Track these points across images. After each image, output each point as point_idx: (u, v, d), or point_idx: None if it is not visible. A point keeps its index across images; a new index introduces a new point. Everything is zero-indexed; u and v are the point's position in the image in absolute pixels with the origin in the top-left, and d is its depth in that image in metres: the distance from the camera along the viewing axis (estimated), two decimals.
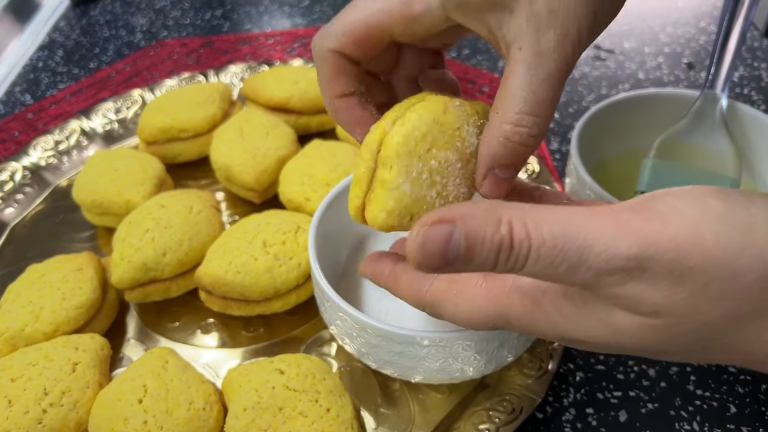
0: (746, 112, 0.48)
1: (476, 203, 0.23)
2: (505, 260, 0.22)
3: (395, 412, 0.41)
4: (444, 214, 0.22)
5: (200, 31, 0.86)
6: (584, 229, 0.22)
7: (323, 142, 0.55)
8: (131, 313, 0.49)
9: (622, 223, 0.22)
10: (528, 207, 0.23)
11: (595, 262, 0.21)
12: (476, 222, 0.22)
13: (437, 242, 0.22)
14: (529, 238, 0.22)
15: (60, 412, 0.38)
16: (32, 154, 0.62)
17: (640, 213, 0.22)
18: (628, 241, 0.21)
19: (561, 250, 0.22)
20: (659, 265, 0.21)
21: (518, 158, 0.28)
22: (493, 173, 0.28)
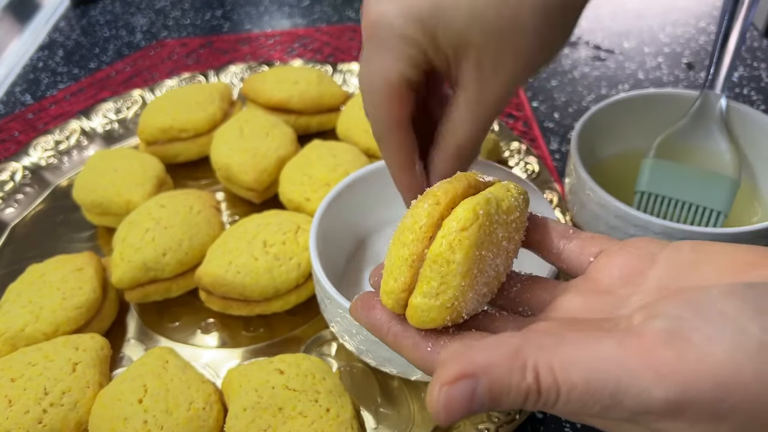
0: (746, 112, 0.48)
1: (496, 345, 0.22)
2: (534, 404, 0.21)
3: (395, 412, 0.41)
4: (464, 368, 0.21)
5: (200, 31, 0.86)
6: (616, 371, 0.20)
7: (323, 142, 0.55)
8: (131, 313, 0.49)
9: (657, 363, 0.20)
10: (553, 345, 0.21)
11: (631, 405, 0.20)
12: (500, 372, 0.21)
13: (461, 402, 0.21)
14: (557, 385, 0.21)
15: (60, 412, 0.38)
16: (32, 154, 0.62)
17: (674, 346, 0.21)
18: (666, 384, 0.20)
19: (593, 395, 0.21)
20: (699, 407, 0.20)
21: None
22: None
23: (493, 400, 0.21)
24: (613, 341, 0.21)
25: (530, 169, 0.56)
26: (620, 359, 0.21)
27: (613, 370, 0.20)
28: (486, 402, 0.21)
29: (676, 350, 0.20)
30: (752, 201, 0.49)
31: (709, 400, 0.20)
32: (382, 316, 0.28)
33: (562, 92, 0.71)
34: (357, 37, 0.82)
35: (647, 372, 0.20)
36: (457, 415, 0.21)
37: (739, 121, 0.49)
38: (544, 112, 0.68)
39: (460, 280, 0.25)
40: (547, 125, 0.66)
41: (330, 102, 0.62)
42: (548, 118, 0.67)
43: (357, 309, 0.29)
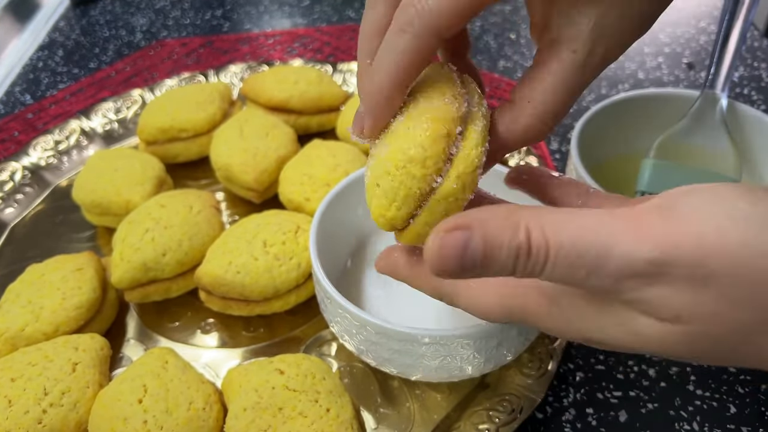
0: (746, 112, 0.48)
1: (493, 208, 0.22)
2: (524, 265, 0.22)
3: (395, 412, 0.41)
4: (461, 221, 0.22)
5: (200, 31, 0.86)
6: (603, 232, 0.21)
7: (323, 142, 0.55)
8: (131, 313, 0.49)
9: (642, 225, 0.21)
10: (546, 211, 0.22)
11: (615, 266, 0.21)
12: (494, 227, 0.22)
13: (454, 249, 0.22)
14: (547, 244, 0.21)
15: (60, 412, 0.38)
16: (32, 154, 0.62)
17: (661, 214, 0.21)
18: (648, 245, 0.20)
19: (579, 255, 0.21)
20: (681, 268, 0.20)
21: (524, 145, 0.29)
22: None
23: (485, 256, 0.22)
24: (604, 211, 0.22)
25: None
26: (608, 223, 0.21)
27: (601, 232, 0.21)
28: (479, 256, 0.22)
29: (662, 216, 0.21)
30: None
31: (691, 262, 0.20)
32: (399, 256, 0.31)
33: None
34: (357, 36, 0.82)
35: (632, 233, 0.21)
36: (450, 263, 0.22)
37: (740, 121, 0.49)
38: None
39: (462, 209, 0.27)
40: None
41: (330, 102, 0.62)
42: None
43: (379, 260, 0.32)
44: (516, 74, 0.74)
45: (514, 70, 0.75)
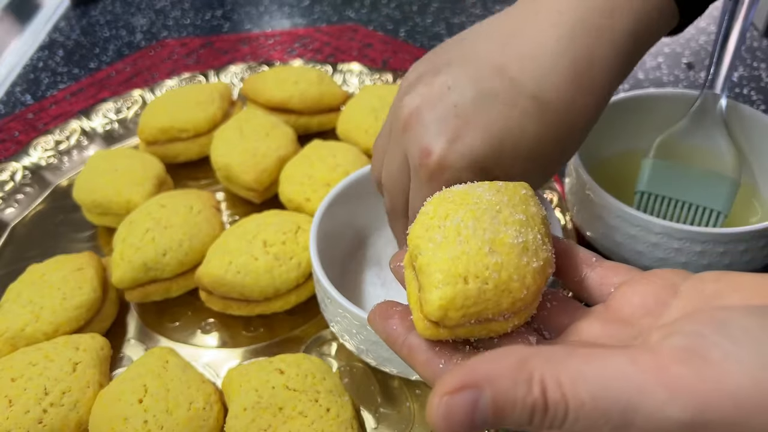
0: (746, 112, 0.48)
1: (502, 356, 0.20)
2: (540, 422, 0.20)
3: (395, 412, 0.41)
4: (467, 378, 0.20)
5: (200, 32, 0.86)
6: (628, 387, 0.19)
7: (323, 143, 0.55)
8: (131, 313, 0.49)
9: (671, 380, 0.19)
10: (561, 359, 0.20)
11: (643, 425, 0.19)
12: (504, 384, 0.20)
13: (463, 413, 0.20)
14: (565, 400, 0.19)
15: (60, 411, 0.38)
16: (32, 154, 0.62)
17: (692, 364, 0.19)
18: (681, 404, 0.19)
19: (603, 413, 0.19)
20: (717, 428, 0.18)
21: None
22: None
23: (497, 414, 0.20)
24: (626, 356, 0.20)
25: None
26: (632, 375, 0.19)
27: (625, 387, 0.19)
28: (489, 416, 0.20)
29: (693, 367, 0.19)
30: (752, 201, 0.49)
31: (728, 421, 0.18)
32: (399, 328, 0.28)
33: None
34: (357, 36, 0.82)
35: (661, 389, 0.19)
36: (458, 428, 0.20)
37: (739, 121, 0.49)
38: None
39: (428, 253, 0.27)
40: None
41: (330, 102, 0.62)
42: None
43: (375, 318, 0.29)
44: None
45: None
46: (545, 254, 0.27)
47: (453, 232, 0.26)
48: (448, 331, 0.26)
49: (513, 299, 0.25)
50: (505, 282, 0.25)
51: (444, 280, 0.25)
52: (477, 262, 0.25)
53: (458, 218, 0.27)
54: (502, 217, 0.27)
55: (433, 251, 0.26)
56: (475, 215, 0.27)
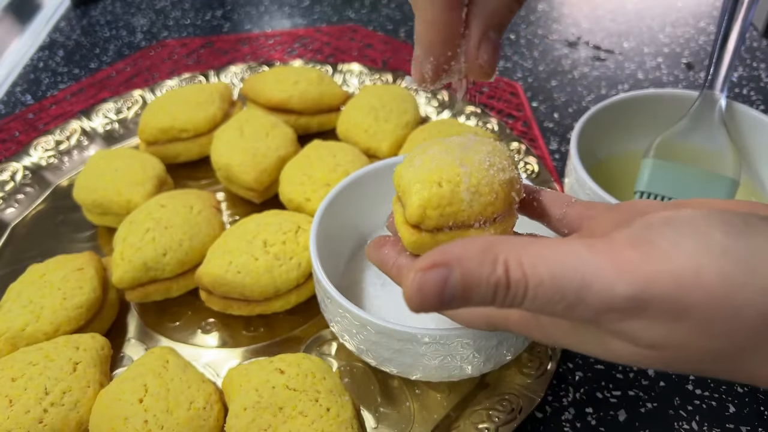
0: (745, 112, 0.48)
1: (470, 242, 0.23)
2: (503, 299, 0.22)
3: (395, 412, 0.41)
4: (439, 258, 0.22)
5: (200, 32, 0.86)
6: (582, 267, 0.21)
7: (323, 143, 0.55)
8: (132, 313, 0.49)
9: (621, 261, 0.21)
10: (523, 243, 0.22)
11: (594, 301, 0.21)
12: (472, 264, 0.22)
13: (434, 287, 0.22)
14: (525, 278, 0.22)
15: (61, 411, 0.38)
16: (33, 154, 0.62)
17: (640, 249, 0.21)
18: (627, 282, 0.21)
19: (558, 290, 0.21)
20: (658, 304, 0.21)
21: (509, 18, 0.28)
22: (488, 37, 0.28)
23: (464, 291, 0.22)
24: (582, 244, 0.22)
25: (530, 169, 0.56)
26: (587, 257, 0.21)
27: (579, 267, 0.21)
28: (458, 292, 0.22)
29: (641, 251, 0.21)
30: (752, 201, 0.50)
31: (669, 298, 0.21)
32: (390, 252, 0.32)
33: (561, 92, 0.71)
34: (357, 37, 0.82)
35: (611, 270, 0.21)
36: (430, 300, 0.22)
37: (739, 121, 0.49)
38: (543, 112, 0.68)
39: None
40: (546, 125, 0.66)
41: (330, 102, 0.63)
42: (548, 118, 0.67)
43: (370, 249, 0.33)
44: (516, 74, 0.74)
45: (514, 70, 0.75)
46: (511, 173, 0.31)
47: (428, 157, 0.30)
48: (429, 235, 0.30)
49: (484, 202, 0.29)
50: (475, 185, 0.29)
51: (421, 187, 0.29)
52: (449, 171, 0.29)
53: (434, 150, 0.31)
54: (471, 147, 0.31)
55: (412, 172, 0.30)
56: (447, 147, 0.31)
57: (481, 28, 0.28)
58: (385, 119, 0.58)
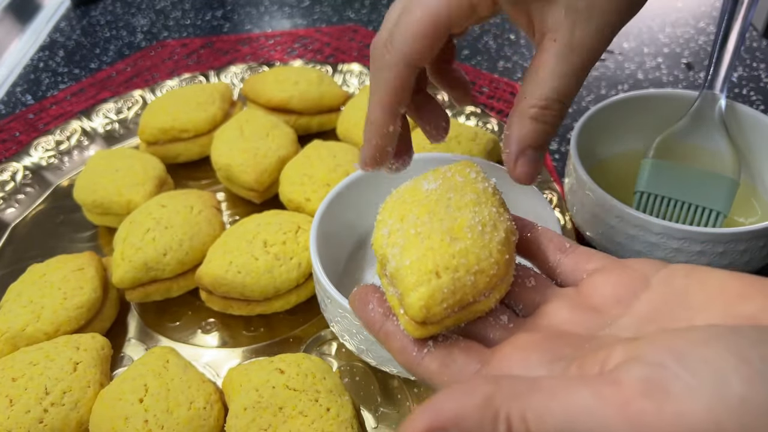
0: (745, 112, 0.48)
1: (466, 393, 0.21)
2: None
3: (395, 411, 0.41)
4: (434, 420, 0.20)
5: (201, 32, 0.86)
6: (593, 422, 0.20)
7: (323, 143, 0.55)
8: (132, 313, 0.49)
9: (634, 416, 0.19)
10: (526, 392, 0.21)
11: None
12: (470, 424, 0.20)
13: None
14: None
15: (61, 411, 0.38)
16: (33, 154, 0.62)
17: (652, 398, 0.20)
18: None
19: None
20: None
21: (545, 139, 0.30)
22: (525, 155, 0.30)
23: None
24: (589, 390, 0.20)
25: None
26: (596, 410, 0.20)
27: (589, 422, 0.20)
28: None
29: (654, 402, 0.19)
30: (751, 201, 0.50)
31: None
32: (376, 314, 0.28)
33: None
34: (357, 37, 0.82)
35: (624, 425, 0.19)
36: None
37: (739, 121, 0.49)
38: None
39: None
40: None
41: (330, 102, 0.63)
42: None
43: (354, 303, 0.30)
44: (516, 75, 0.74)
45: (514, 70, 0.75)
46: (504, 224, 0.28)
47: (413, 232, 0.27)
48: (436, 326, 0.26)
49: (487, 277, 0.26)
50: (474, 263, 0.26)
51: (418, 281, 0.25)
52: (443, 254, 0.26)
53: (413, 216, 0.28)
54: (454, 203, 0.28)
55: (400, 256, 0.27)
56: (429, 208, 0.28)
57: (519, 146, 0.30)
58: None
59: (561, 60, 0.29)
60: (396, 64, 0.31)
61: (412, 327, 0.26)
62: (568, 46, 0.29)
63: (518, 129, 0.30)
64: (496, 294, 0.27)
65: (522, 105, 0.30)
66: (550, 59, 0.29)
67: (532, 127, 0.30)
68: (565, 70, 0.29)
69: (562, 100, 0.30)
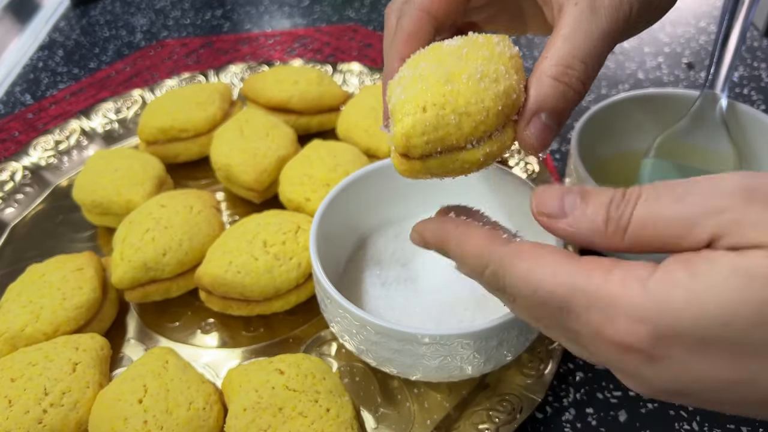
0: (746, 112, 0.48)
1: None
2: (617, 209, 0.22)
3: (395, 412, 0.41)
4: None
5: (200, 31, 0.86)
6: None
7: (323, 142, 0.55)
8: (131, 313, 0.49)
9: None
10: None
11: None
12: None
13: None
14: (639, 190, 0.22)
15: (60, 412, 0.38)
16: (32, 154, 0.62)
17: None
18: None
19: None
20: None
21: (565, 104, 0.28)
22: (539, 118, 0.28)
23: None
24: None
25: (530, 169, 0.56)
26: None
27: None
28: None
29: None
30: None
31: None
32: (451, 220, 0.30)
33: None
34: (357, 37, 0.82)
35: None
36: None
37: (739, 121, 0.49)
38: None
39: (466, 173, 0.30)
40: None
41: (330, 102, 0.62)
42: None
43: (422, 225, 0.31)
44: None
45: None
46: (508, 81, 0.27)
47: (416, 75, 0.28)
48: (419, 163, 0.28)
49: (474, 122, 0.27)
50: (463, 105, 0.27)
51: (405, 113, 0.27)
52: (434, 92, 0.27)
53: (424, 64, 0.28)
54: (465, 55, 0.28)
55: (398, 95, 0.28)
56: (440, 58, 0.28)
57: (534, 107, 0.28)
58: None
59: (584, 20, 0.27)
60: (414, 10, 0.31)
61: (397, 161, 0.29)
62: (591, 8, 0.27)
63: (536, 89, 0.27)
64: (486, 147, 0.28)
65: (541, 66, 0.27)
66: (571, 20, 0.27)
67: (551, 87, 0.27)
68: (588, 30, 0.27)
69: (586, 60, 0.27)
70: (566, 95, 0.27)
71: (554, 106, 0.27)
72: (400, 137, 0.27)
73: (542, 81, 0.27)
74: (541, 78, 0.27)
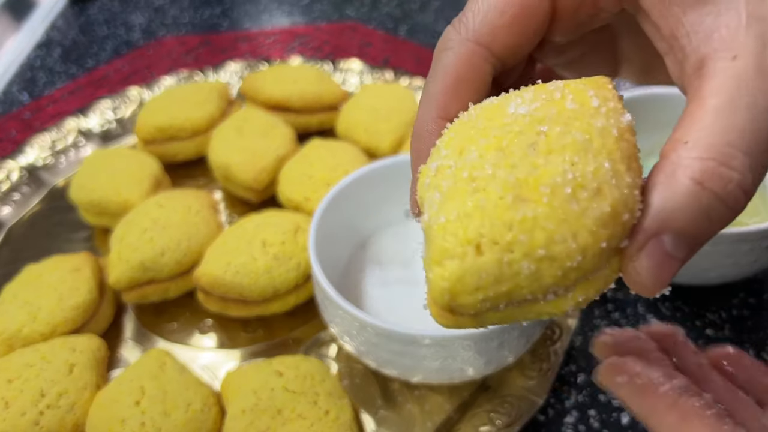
0: None
1: None
2: None
3: (395, 414, 0.40)
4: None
5: (199, 30, 0.85)
6: None
7: (323, 142, 0.55)
8: (129, 314, 0.48)
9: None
10: None
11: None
12: None
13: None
14: None
15: (57, 413, 0.37)
16: (29, 153, 0.61)
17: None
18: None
19: None
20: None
21: (709, 225, 0.17)
22: (660, 242, 0.18)
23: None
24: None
25: None
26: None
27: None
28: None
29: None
30: (754, 201, 0.49)
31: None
32: (656, 381, 0.25)
33: None
34: (356, 35, 0.82)
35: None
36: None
37: None
38: None
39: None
40: None
41: (330, 101, 0.62)
42: None
43: (613, 369, 0.26)
44: None
45: None
46: (618, 192, 0.17)
47: (465, 176, 0.18)
48: (470, 318, 0.19)
49: (561, 270, 0.17)
50: (543, 245, 0.17)
51: (447, 252, 0.17)
52: (495, 219, 0.17)
53: (476, 152, 0.18)
54: (544, 142, 0.18)
55: (438, 206, 0.18)
56: (501, 144, 0.18)
57: (655, 225, 0.17)
58: (386, 118, 0.57)
59: (747, 87, 0.17)
60: (464, 41, 0.21)
61: (435, 311, 0.19)
62: (759, 68, 0.18)
63: (662, 195, 0.17)
64: (578, 294, 0.18)
65: (674, 155, 0.18)
66: (727, 85, 0.18)
67: (690, 195, 0.17)
68: (754, 103, 0.17)
69: (750, 151, 0.17)
70: (712, 211, 0.17)
71: (687, 227, 0.17)
72: (441, 292, 0.18)
73: (676, 183, 0.17)
74: (675, 177, 0.17)
